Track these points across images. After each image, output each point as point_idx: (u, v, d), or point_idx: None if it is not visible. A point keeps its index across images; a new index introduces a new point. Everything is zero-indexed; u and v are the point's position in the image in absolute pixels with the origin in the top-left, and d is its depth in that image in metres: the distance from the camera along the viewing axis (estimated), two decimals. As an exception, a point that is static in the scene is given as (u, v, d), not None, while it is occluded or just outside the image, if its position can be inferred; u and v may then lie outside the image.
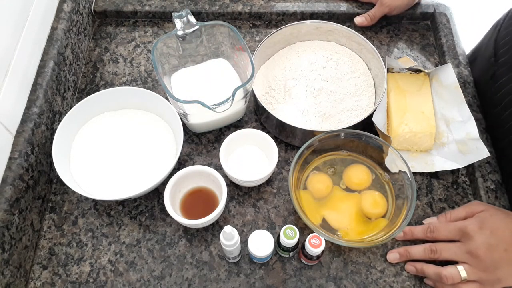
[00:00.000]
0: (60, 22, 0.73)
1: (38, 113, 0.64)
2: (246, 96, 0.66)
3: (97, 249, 0.63)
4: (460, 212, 0.61)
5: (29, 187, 0.61)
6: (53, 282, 0.61)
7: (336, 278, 0.62)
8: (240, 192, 0.68)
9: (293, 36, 0.77)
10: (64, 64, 0.72)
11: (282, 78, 0.74)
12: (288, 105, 0.71)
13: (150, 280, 0.61)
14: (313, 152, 0.66)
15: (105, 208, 0.67)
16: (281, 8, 0.83)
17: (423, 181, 0.70)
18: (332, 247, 0.64)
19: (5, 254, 0.56)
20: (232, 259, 0.61)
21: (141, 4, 0.84)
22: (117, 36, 0.83)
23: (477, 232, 0.56)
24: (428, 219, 0.65)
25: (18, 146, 0.60)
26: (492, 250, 0.54)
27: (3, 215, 0.56)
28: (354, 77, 0.74)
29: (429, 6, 0.84)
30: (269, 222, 0.66)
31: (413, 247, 0.61)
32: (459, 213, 0.61)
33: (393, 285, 0.61)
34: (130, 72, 0.79)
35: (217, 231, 0.65)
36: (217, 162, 0.70)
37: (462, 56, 0.79)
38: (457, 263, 0.57)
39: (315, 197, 0.65)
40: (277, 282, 0.61)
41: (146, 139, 0.68)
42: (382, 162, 0.66)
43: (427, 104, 0.72)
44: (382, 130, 0.66)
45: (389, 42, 0.83)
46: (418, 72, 0.75)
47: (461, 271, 0.56)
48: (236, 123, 0.74)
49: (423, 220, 0.65)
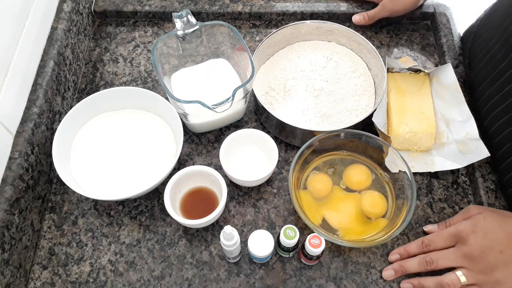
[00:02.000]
0: (60, 22, 0.73)
1: (38, 113, 0.64)
2: (246, 96, 0.66)
3: (97, 249, 0.63)
4: (458, 218, 0.61)
5: (29, 187, 0.61)
6: (53, 282, 0.61)
7: (336, 278, 0.62)
8: (240, 192, 0.68)
9: (293, 36, 0.77)
10: (64, 64, 0.72)
11: (282, 78, 0.74)
12: (288, 105, 0.71)
13: (150, 280, 0.61)
14: (313, 152, 0.66)
15: (105, 208, 0.67)
16: (281, 8, 0.83)
17: (423, 181, 0.70)
18: (332, 247, 0.64)
19: (5, 254, 0.56)
20: (232, 259, 0.61)
21: (141, 4, 0.84)
22: (117, 36, 0.83)
23: (470, 235, 0.56)
24: (429, 226, 0.64)
25: (18, 146, 0.60)
26: (487, 252, 0.54)
27: (3, 215, 0.56)
28: (354, 77, 0.74)
29: (429, 6, 0.84)
30: (269, 222, 0.66)
31: (408, 261, 0.60)
32: (457, 219, 0.61)
33: (393, 285, 0.61)
34: (130, 72, 0.79)
35: (217, 231, 0.65)
36: (217, 162, 0.70)
37: (462, 56, 0.79)
38: (454, 269, 0.57)
39: (315, 197, 0.65)
40: (277, 282, 0.61)
41: (146, 139, 0.68)
42: (382, 162, 0.66)
43: (427, 104, 0.72)
44: (382, 130, 0.66)
45: (389, 42, 0.83)
46: (418, 72, 0.75)
47: (460, 276, 0.55)
48: (236, 123, 0.74)
49: (424, 227, 0.65)
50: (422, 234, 0.65)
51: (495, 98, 0.65)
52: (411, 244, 0.61)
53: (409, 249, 0.61)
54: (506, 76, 0.63)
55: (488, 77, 0.68)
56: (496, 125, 0.65)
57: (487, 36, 0.71)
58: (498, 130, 0.65)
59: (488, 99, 0.67)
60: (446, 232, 0.59)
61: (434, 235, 0.60)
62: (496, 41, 0.66)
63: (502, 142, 0.64)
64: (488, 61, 0.69)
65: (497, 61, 0.65)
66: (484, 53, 0.70)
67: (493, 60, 0.67)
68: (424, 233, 0.65)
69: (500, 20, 0.67)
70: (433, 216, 0.66)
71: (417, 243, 0.61)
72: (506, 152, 0.64)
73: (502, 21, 0.66)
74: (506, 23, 0.64)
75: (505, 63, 0.63)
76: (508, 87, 0.62)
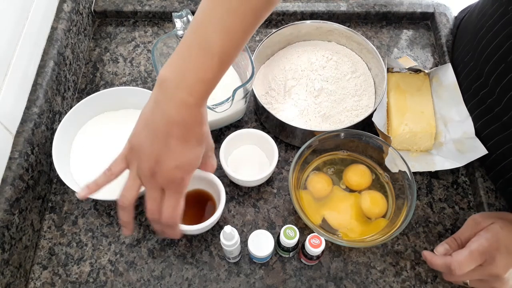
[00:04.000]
0: (60, 22, 0.73)
1: (38, 113, 0.64)
2: (246, 96, 0.66)
3: (97, 249, 0.64)
4: (469, 234, 0.57)
5: (29, 187, 0.61)
6: (53, 282, 0.61)
7: (336, 278, 0.62)
8: (240, 192, 0.68)
9: (293, 36, 0.77)
10: (64, 64, 0.72)
11: (282, 78, 0.74)
12: (288, 105, 0.71)
13: (150, 280, 0.61)
14: (313, 152, 0.66)
15: (105, 208, 0.67)
16: (281, 8, 0.83)
17: (423, 181, 0.70)
18: (332, 247, 0.64)
19: (5, 254, 0.56)
20: (232, 259, 0.61)
21: (141, 4, 0.84)
22: (117, 36, 0.83)
23: (496, 253, 0.52)
24: (440, 249, 0.58)
25: (18, 146, 0.60)
26: (509, 266, 0.53)
27: (3, 215, 0.56)
28: (354, 77, 0.74)
29: (429, 6, 0.84)
30: (269, 222, 0.66)
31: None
32: (468, 234, 0.57)
33: (393, 285, 0.61)
34: (130, 72, 0.79)
35: (217, 231, 0.65)
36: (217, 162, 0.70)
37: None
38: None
39: (315, 197, 0.65)
40: (277, 282, 0.61)
41: (146, 139, 0.68)
42: (382, 162, 0.66)
43: (427, 104, 0.72)
44: (382, 130, 0.66)
45: (389, 42, 0.83)
46: (418, 72, 0.75)
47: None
48: (236, 123, 0.74)
49: (435, 250, 0.58)
50: (422, 234, 0.65)
51: (478, 110, 0.66)
52: (437, 264, 0.56)
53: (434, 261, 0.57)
54: (485, 91, 0.64)
55: (469, 89, 0.69)
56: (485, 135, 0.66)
57: (462, 52, 0.72)
58: (487, 140, 0.66)
59: (472, 110, 0.68)
60: (475, 254, 0.53)
61: (462, 259, 0.53)
62: (471, 58, 0.68)
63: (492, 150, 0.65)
64: (467, 74, 0.70)
65: (475, 77, 0.66)
66: (461, 67, 0.71)
67: (470, 75, 0.68)
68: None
69: (471, 37, 0.69)
70: (433, 216, 0.66)
71: (444, 263, 0.55)
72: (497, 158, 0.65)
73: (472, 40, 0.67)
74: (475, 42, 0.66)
75: (481, 81, 0.65)
76: (488, 101, 0.63)
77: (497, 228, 0.54)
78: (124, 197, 0.52)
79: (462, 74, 0.71)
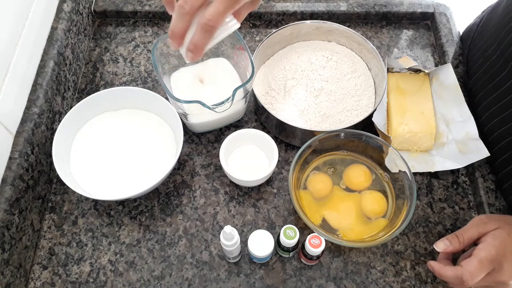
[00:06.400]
0: (60, 22, 0.73)
1: (38, 113, 0.64)
2: (246, 96, 0.66)
3: (97, 249, 0.64)
4: (472, 233, 0.56)
5: (29, 187, 0.61)
6: (53, 282, 0.61)
7: (336, 278, 0.62)
8: (240, 192, 0.68)
9: (293, 36, 0.77)
10: (64, 64, 0.72)
11: (282, 78, 0.74)
12: (288, 105, 0.71)
13: (150, 280, 0.61)
14: (313, 152, 0.66)
15: (105, 208, 0.67)
16: (281, 8, 0.83)
17: (423, 181, 0.70)
18: (332, 247, 0.64)
19: (5, 254, 0.56)
20: (232, 259, 0.61)
21: (141, 4, 0.84)
22: (117, 36, 0.83)
23: (504, 260, 0.52)
24: (440, 244, 0.57)
25: (18, 146, 0.60)
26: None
27: (3, 215, 0.56)
28: (354, 77, 0.74)
29: (429, 6, 0.84)
30: (269, 222, 0.66)
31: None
32: (471, 234, 0.56)
33: (393, 285, 0.61)
34: (130, 72, 0.79)
35: (217, 231, 0.65)
36: (217, 162, 0.70)
37: (462, 56, 0.79)
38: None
39: (315, 197, 0.65)
40: (277, 282, 0.61)
41: (146, 139, 0.68)
42: (382, 162, 0.66)
43: (427, 104, 0.72)
44: (382, 130, 0.66)
45: (389, 42, 0.83)
46: (418, 72, 0.75)
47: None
48: (236, 123, 0.74)
49: (434, 245, 0.58)
50: (422, 234, 0.65)
51: (493, 108, 0.65)
52: (447, 276, 0.54)
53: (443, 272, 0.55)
54: (505, 87, 0.62)
55: (486, 86, 0.67)
56: (495, 134, 0.65)
57: (483, 45, 0.71)
58: (497, 139, 0.65)
59: (486, 108, 0.67)
60: (485, 263, 0.52)
61: (473, 269, 0.52)
62: (493, 52, 0.66)
63: (503, 149, 0.64)
64: (485, 70, 0.68)
65: (495, 72, 0.65)
66: (481, 62, 0.70)
67: (491, 70, 0.67)
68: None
69: (495, 29, 0.67)
70: (433, 216, 0.66)
71: (455, 274, 0.53)
72: (506, 160, 0.64)
73: (498, 32, 0.66)
74: (502, 34, 0.64)
75: (503, 74, 0.63)
76: (507, 98, 0.62)
77: (504, 235, 0.54)
78: (186, 3, 0.43)
79: (481, 69, 0.69)
